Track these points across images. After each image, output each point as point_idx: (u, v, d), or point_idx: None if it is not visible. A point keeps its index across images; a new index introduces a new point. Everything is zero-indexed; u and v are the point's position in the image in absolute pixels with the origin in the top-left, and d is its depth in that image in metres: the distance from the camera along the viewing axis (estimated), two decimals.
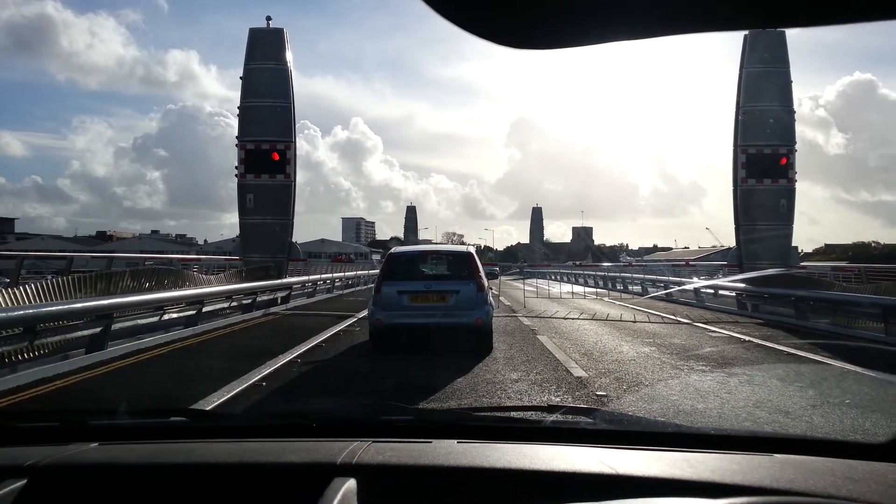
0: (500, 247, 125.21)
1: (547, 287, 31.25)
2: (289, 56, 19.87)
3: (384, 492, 1.33)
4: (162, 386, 7.72)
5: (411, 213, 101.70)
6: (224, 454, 1.56)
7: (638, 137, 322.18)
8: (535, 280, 40.05)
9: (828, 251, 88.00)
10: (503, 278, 41.83)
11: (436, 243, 59.30)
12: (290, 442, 1.62)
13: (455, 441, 1.57)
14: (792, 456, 1.48)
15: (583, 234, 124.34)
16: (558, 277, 43.81)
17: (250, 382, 7.36)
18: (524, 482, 1.34)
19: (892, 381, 7.72)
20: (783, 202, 18.94)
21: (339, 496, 1.25)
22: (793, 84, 19.24)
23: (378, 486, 1.33)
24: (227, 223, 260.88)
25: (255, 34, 19.90)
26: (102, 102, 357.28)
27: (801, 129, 19.91)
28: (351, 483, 1.30)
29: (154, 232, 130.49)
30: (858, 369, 8.37)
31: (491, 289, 11.53)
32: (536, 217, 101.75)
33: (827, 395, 6.91)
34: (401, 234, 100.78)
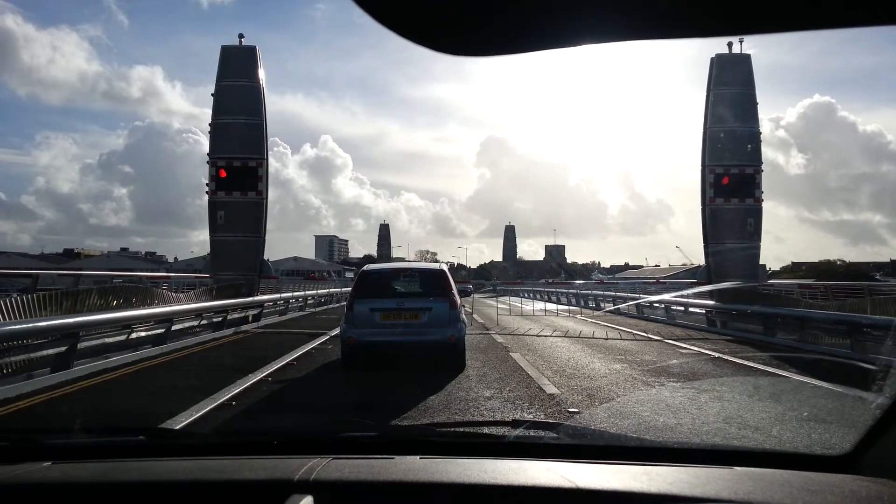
0: (472, 265, 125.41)
1: (520, 305, 31.32)
2: (261, 74, 19.88)
3: None
4: (128, 406, 7.58)
5: (384, 230, 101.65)
6: (180, 472, 1.53)
7: (605, 157, 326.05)
8: (508, 298, 40.12)
9: (795, 269, 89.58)
10: (476, 296, 41.91)
11: (410, 261, 59.26)
12: (247, 459, 1.60)
13: (417, 457, 1.56)
14: (751, 469, 1.50)
15: (555, 252, 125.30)
16: (531, 295, 43.97)
17: (220, 402, 7.25)
18: (484, 497, 1.34)
19: (857, 394, 7.85)
20: (750, 221, 19.29)
21: None
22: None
23: (335, 503, 1.32)
24: (196, 240, 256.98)
25: (227, 52, 19.85)
26: (66, 118, 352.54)
27: (763, 150, 20.31)
28: (307, 500, 1.28)
29: (123, 249, 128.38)
30: (825, 384, 8.51)
31: (464, 306, 11.53)
32: (509, 235, 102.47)
33: (795, 411, 7.01)
34: (374, 252, 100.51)
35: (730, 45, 19.91)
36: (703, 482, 1.36)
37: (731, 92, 19.44)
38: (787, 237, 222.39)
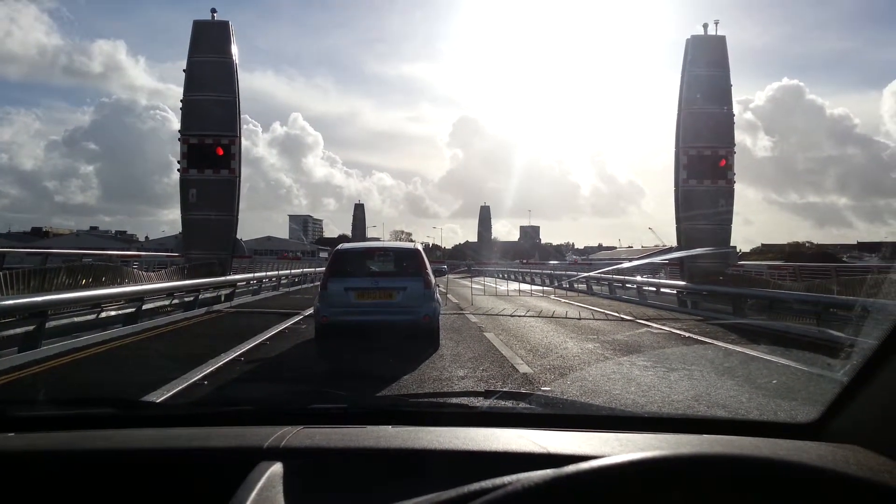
0: (446, 245, 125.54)
1: (494, 285, 31.46)
2: (234, 49, 19.55)
3: (312, 476, 1.31)
4: (98, 385, 7.49)
5: (359, 210, 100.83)
6: (147, 441, 1.51)
7: (577, 139, 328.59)
8: (482, 278, 40.24)
9: (764, 251, 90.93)
10: (451, 276, 42.02)
11: (384, 241, 59.08)
12: (217, 429, 1.59)
13: (389, 426, 1.55)
14: (720, 436, 1.52)
15: (531, 232, 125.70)
16: (506, 275, 44.20)
17: (191, 381, 7.20)
18: (456, 463, 1.34)
19: (823, 371, 8.03)
20: (722, 202, 19.51)
21: (263, 480, 1.22)
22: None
23: (306, 469, 1.31)
24: (166, 219, 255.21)
25: (199, 26, 19.49)
26: (27, 93, 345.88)
27: None
28: (277, 467, 1.27)
29: (93, 228, 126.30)
30: (793, 363, 8.67)
31: (438, 286, 11.55)
32: (484, 215, 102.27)
33: (763, 388, 7.15)
34: (348, 232, 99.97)
35: (705, 26, 20.04)
36: (674, 448, 1.37)
37: (706, 73, 19.57)
38: (755, 219, 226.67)
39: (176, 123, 19.74)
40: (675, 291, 19.65)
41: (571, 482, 0.79)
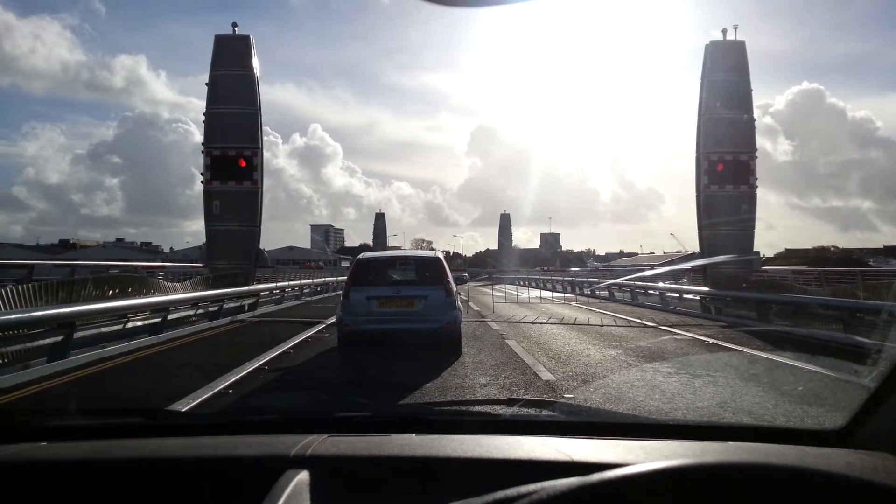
0: (467, 253, 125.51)
1: (515, 292, 31.39)
2: (255, 62, 19.78)
3: (338, 483, 1.33)
4: (125, 395, 7.59)
5: (380, 220, 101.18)
6: (175, 450, 1.54)
7: (596, 146, 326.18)
8: (503, 285, 40.17)
9: (789, 256, 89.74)
10: (472, 284, 42.00)
11: (405, 250, 59.19)
12: (243, 437, 1.61)
13: (413, 434, 1.57)
14: (746, 443, 1.52)
15: (551, 239, 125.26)
16: (527, 283, 44.08)
17: (217, 390, 7.26)
18: (480, 471, 1.35)
19: (850, 377, 7.92)
20: (744, 207, 19.34)
21: (290, 488, 1.23)
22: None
23: (332, 477, 1.32)
24: (189, 230, 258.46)
25: (220, 41, 19.76)
26: (52, 108, 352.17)
27: None
28: (303, 475, 1.29)
29: (119, 240, 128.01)
30: (819, 368, 8.57)
31: (460, 294, 11.56)
32: (505, 223, 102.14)
33: (789, 395, 7.07)
34: (369, 241, 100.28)
35: (724, 31, 19.93)
36: (698, 456, 1.38)
37: (726, 79, 19.46)
38: (778, 224, 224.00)
39: (198, 136, 20.09)
40: (698, 297, 19.45)
41: (597, 490, 0.80)
